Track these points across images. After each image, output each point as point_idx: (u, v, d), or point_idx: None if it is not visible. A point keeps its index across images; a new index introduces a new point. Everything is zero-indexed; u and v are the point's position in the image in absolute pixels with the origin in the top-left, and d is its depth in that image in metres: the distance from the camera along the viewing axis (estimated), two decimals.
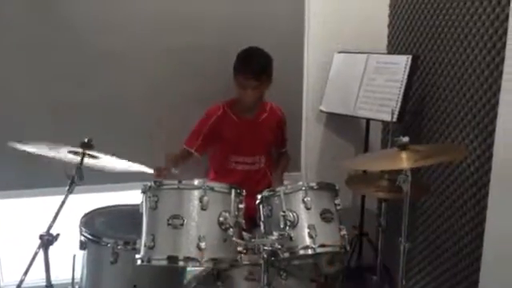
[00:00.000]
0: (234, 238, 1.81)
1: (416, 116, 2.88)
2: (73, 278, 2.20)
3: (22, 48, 2.72)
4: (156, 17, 2.83)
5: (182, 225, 1.79)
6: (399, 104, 2.69)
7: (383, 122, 3.02)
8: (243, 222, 1.91)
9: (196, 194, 1.83)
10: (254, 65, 2.57)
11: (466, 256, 2.50)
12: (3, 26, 2.68)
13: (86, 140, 2.06)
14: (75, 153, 2.09)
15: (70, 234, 2.21)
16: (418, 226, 2.90)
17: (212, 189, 1.85)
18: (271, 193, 2.00)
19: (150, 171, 2.28)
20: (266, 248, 1.79)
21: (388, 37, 3.16)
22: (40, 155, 2.14)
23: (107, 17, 2.78)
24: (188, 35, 2.86)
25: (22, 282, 1.81)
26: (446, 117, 2.61)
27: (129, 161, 2.16)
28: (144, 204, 1.90)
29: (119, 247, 2.09)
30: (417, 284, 2.93)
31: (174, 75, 2.90)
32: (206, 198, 1.82)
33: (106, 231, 2.20)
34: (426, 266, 2.85)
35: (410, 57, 2.72)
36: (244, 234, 1.94)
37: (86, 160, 2.09)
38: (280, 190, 1.97)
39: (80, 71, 2.80)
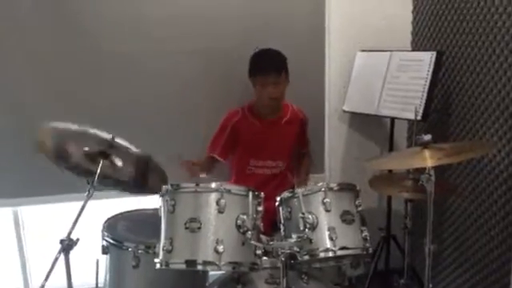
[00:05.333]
0: (252, 241, 1.78)
1: (442, 114, 2.80)
2: (96, 283, 2.21)
3: (40, 52, 2.76)
4: (174, 20, 2.83)
5: (199, 228, 1.77)
6: (424, 102, 2.62)
7: (408, 120, 2.95)
8: (261, 224, 1.88)
9: (213, 196, 1.81)
10: (273, 59, 2.60)
11: (496, 258, 2.42)
12: (20, 31, 2.72)
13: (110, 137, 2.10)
14: (94, 157, 2.11)
15: (94, 240, 2.23)
16: (446, 227, 2.82)
17: (229, 191, 1.82)
18: (290, 195, 1.97)
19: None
20: (284, 251, 1.75)
21: (412, 33, 3.09)
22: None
23: (126, 21, 2.80)
24: (206, 38, 2.86)
25: (43, 287, 1.82)
26: (474, 114, 2.53)
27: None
28: (162, 208, 1.89)
29: (140, 251, 2.10)
30: (446, 287, 2.85)
31: (192, 79, 2.89)
32: (222, 201, 1.79)
33: (128, 235, 2.21)
34: (455, 269, 2.77)
35: (435, 53, 2.65)
36: (262, 236, 1.90)
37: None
38: (299, 191, 1.93)
39: (99, 76, 2.83)
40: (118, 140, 2.21)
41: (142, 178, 2.30)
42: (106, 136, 2.20)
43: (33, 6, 2.71)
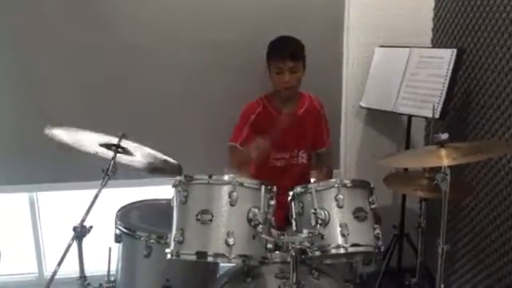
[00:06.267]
0: (262, 235, 1.77)
1: (461, 112, 2.75)
2: (108, 271, 2.23)
3: (58, 47, 2.80)
4: (190, 12, 2.83)
5: (210, 220, 1.77)
6: (442, 100, 2.58)
7: (426, 118, 2.90)
8: (273, 218, 1.87)
9: (225, 189, 1.80)
10: (289, 45, 2.59)
11: (511, 260, 2.38)
12: (39, 23, 2.76)
13: (120, 135, 2.09)
14: (108, 147, 2.12)
15: (108, 228, 2.25)
16: (461, 227, 2.78)
17: (241, 184, 1.82)
18: (303, 190, 1.95)
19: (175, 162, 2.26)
20: (294, 246, 1.75)
21: (433, 30, 3.04)
22: (74, 148, 2.19)
23: (141, 13, 2.81)
24: (222, 29, 2.86)
25: (55, 272, 1.85)
26: (493, 113, 2.48)
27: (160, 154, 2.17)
28: (175, 198, 1.89)
29: (152, 241, 2.11)
30: None
31: (208, 70, 2.90)
32: (235, 194, 1.79)
33: (140, 225, 2.23)
34: (469, 270, 2.73)
35: (455, 50, 2.60)
36: (273, 230, 1.89)
37: (119, 155, 2.12)
38: (312, 186, 1.91)
39: (114, 67, 2.85)
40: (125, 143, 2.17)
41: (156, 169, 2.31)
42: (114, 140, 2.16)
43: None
